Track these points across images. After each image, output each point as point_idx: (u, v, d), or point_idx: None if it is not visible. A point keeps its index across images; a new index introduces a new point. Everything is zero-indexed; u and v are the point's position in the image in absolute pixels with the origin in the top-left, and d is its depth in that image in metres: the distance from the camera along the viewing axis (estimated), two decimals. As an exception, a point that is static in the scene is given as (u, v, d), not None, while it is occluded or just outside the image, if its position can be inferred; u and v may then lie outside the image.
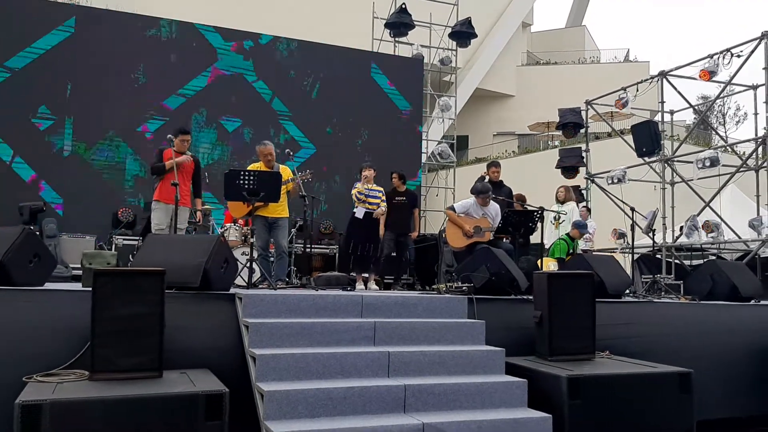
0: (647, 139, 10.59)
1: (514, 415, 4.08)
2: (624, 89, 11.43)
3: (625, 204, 9.19)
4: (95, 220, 9.32)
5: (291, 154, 7.43)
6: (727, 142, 16.52)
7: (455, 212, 7.10)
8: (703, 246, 11.08)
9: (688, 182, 10.66)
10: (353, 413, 3.88)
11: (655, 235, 8.92)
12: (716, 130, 28.23)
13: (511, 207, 7.71)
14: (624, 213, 9.41)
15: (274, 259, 6.85)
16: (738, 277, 6.98)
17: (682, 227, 10.76)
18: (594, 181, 12.46)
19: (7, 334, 3.92)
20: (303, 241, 8.78)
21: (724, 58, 9.83)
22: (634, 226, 8.28)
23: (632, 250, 8.41)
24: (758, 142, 9.88)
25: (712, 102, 20.07)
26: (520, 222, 7.03)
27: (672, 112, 13.02)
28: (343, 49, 12.28)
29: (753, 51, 9.58)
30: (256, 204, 6.04)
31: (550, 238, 9.02)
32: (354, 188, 7.17)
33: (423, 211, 12.64)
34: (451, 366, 4.43)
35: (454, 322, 4.85)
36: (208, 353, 4.26)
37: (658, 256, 10.93)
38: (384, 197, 7.26)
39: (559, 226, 9.25)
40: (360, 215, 7.03)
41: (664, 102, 11.42)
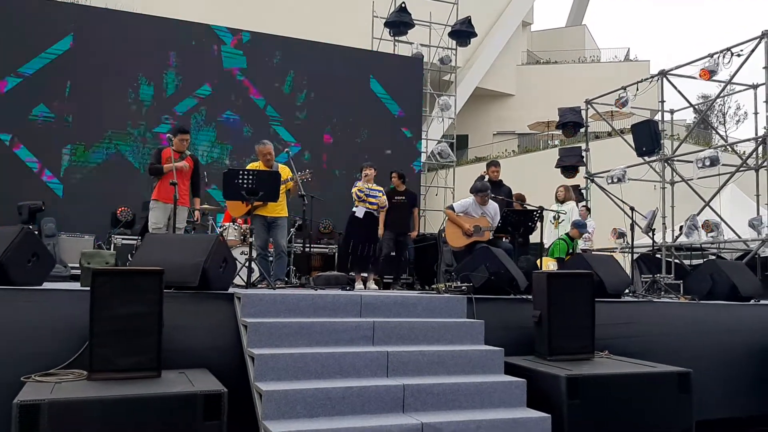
0: (647, 138, 10.58)
1: (513, 415, 4.07)
2: (624, 88, 11.42)
3: (624, 203, 9.19)
4: (94, 220, 9.31)
5: (290, 153, 7.42)
6: (727, 142, 16.52)
7: (454, 211, 7.10)
8: (703, 245, 11.08)
9: (688, 182, 10.65)
10: (352, 413, 3.88)
11: (655, 234, 8.91)
12: (716, 129, 28.25)
13: (510, 206, 7.71)
14: (624, 212, 9.40)
15: (273, 259, 6.85)
16: (738, 277, 6.97)
17: (681, 227, 10.75)
18: (594, 181, 12.45)
19: (5, 333, 3.91)
20: (302, 241, 8.79)
21: (724, 57, 9.82)
22: (633, 226, 8.27)
23: (632, 249, 8.41)
24: (758, 141, 9.86)
25: (712, 101, 20.03)
26: (519, 221, 7.03)
27: (672, 112, 13.00)
28: (341, 47, 12.26)
29: (753, 50, 9.57)
30: (255, 203, 6.05)
31: (549, 238, 9.01)
32: (354, 187, 7.17)
33: (422, 211, 12.64)
34: (450, 366, 4.42)
35: (453, 321, 4.84)
36: (206, 353, 4.25)
37: (658, 256, 10.92)
38: (384, 196, 7.26)
39: (559, 225, 9.23)
40: (360, 215, 7.02)
41: (664, 101, 11.40)
